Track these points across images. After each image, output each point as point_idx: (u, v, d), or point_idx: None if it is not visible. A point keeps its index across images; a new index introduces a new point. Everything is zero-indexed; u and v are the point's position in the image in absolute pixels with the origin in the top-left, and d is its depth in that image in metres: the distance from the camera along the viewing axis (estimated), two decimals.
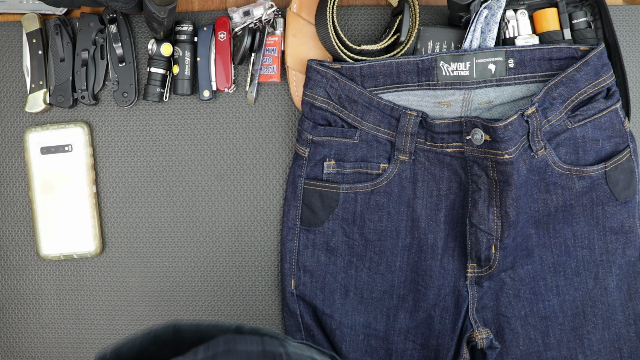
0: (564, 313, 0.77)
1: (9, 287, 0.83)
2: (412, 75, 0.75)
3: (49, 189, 0.81)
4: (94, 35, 0.80)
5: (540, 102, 0.73)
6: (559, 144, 0.75)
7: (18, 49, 0.82)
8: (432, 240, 0.77)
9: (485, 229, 0.74)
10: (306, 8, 0.80)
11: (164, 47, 0.78)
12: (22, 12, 0.81)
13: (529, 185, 0.74)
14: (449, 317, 0.77)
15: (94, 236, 0.81)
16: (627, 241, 0.77)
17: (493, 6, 0.76)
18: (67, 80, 0.80)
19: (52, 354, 0.83)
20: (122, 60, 0.80)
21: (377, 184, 0.77)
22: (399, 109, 0.74)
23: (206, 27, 0.80)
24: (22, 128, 0.83)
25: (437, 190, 0.77)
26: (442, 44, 0.79)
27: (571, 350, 0.77)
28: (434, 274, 0.77)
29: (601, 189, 0.76)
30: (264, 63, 0.81)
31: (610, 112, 0.76)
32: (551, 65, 0.76)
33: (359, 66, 0.75)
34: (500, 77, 0.76)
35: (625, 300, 0.77)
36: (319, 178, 0.77)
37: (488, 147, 0.72)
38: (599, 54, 0.75)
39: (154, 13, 0.69)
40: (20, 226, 0.83)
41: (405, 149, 0.76)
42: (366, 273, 0.77)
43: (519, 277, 0.77)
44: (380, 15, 0.83)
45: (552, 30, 0.79)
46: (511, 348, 0.76)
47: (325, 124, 0.77)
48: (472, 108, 0.77)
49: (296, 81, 0.80)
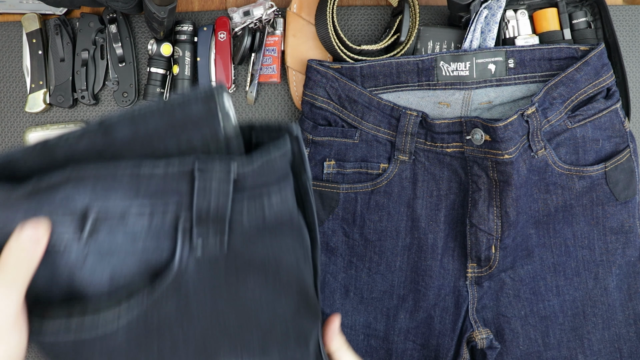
0: (564, 313, 0.77)
1: None
2: (412, 75, 0.75)
3: None
4: (94, 35, 0.80)
5: (540, 102, 0.73)
6: (559, 144, 0.75)
7: (18, 49, 0.82)
8: (432, 240, 0.77)
9: (485, 229, 0.74)
10: (306, 8, 0.80)
11: (164, 47, 0.78)
12: (22, 12, 0.81)
13: (529, 185, 0.74)
14: (449, 317, 0.77)
15: None
16: (627, 241, 0.77)
17: (493, 6, 0.76)
18: (67, 80, 0.80)
19: None
20: (122, 60, 0.80)
21: (377, 184, 0.77)
22: (399, 109, 0.75)
23: (206, 27, 0.80)
24: (22, 128, 0.83)
25: (437, 190, 0.77)
26: (442, 44, 0.79)
27: (571, 350, 0.77)
28: (434, 274, 0.77)
29: (601, 189, 0.76)
30: (264, 63, 0.81)
31: (610, 112, 0.76)
32: (551, 65, 0.76)
33: (359, 66, 0.75)
34: (500, 77, 0.76)
35: (625, 300, 0.77)
36: (319, 178, 0.77)
37: (488, 147, 0.72)
38: (599, 54, 0.75)
39: (154, 13, 0.69)
40: None
41: (405, 149, 0.76)
42: (366, 273, 0.77)
43: (519, 277, 0.77)
44: (380, 15, 0.83)
45: (552, 30, 0.79)
46: (511, 348, 0.76)
47: (325, 124, 0.77)
48: (472, 108, 0.77)
49: (296, 81, 0.80)
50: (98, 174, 0.39)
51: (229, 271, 0.45)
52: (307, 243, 0.51)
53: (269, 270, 0.47)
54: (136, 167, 0.39)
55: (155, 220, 0.41)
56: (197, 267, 0.43)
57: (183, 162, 0.40)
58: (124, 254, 0.41)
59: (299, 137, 0.47)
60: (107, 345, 0.42)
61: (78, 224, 0.40)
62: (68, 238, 0.40)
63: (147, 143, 0.40)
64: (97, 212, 0.40)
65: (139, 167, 0.39)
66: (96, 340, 0.41)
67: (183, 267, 0.42)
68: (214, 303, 0.45)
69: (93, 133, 0.39)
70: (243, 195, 0.42)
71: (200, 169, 0.40)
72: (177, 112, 0.40)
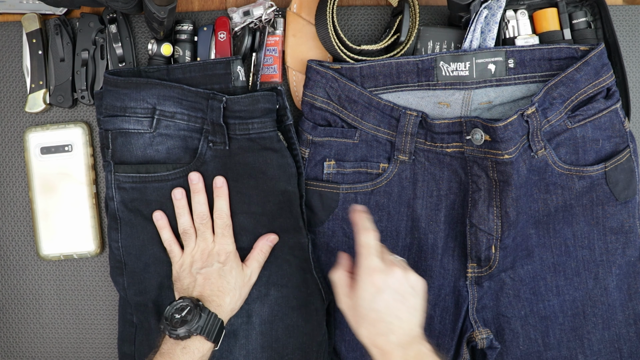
0: (564, 313, 0.77)
1: (9, 287, 0.83)
2: (412, 76, 0.75)
3: (49, 189, 0.81)
4: (94, 35, 0.80)
5: (540, 102, 0.73)
6: (559, 144, 0.75)
7: (18, 49, 0.82)
8: (432, 240, 0.77)
9: (485, 229, 0.74)
10: (306, 8, 0.80)
11: (164, 47, 0.78)
12: (22, 12, 0.81)
13: (529, 185, 0.74)
14: (449, 317, 0.77)
15: (94, 236, 0.81)
16: (627, 241, 0.77)
17: (493, 6, 0.76)
18: (67, 80, 0.80)
19: (52, 354, 0.83)
20: (122, 60, 0.80)
21: (377, 184, 0.77)
22: (399, 109, 0.74)
23: (206, 27, 0.80)
24: (22, 128, 0.83)
25: (437, 190, 0.77)
26: (442, 44, 0.79)
27: (571, 350, 0.77)
28: (434, 274, 0.77)
29: (601, 189, 0.76)
30: (265, 63, 0.81)
31: (610, 112, 0.76)
32: (551, 65, 0.76)
33: (358, 66, 0.75)
34: (500, 77, 0.76)
35: (625, 300, 0.77)
36: (319, 178, 0.77)
37: (488, 147, 0.72)
38: (599, 54, 0.75)
39: (154, 13, 0.69)
40: (20, 226, 0.83)
41: (405, 149, 0.76)
42: None
43: (519, 277, 0.77)
44: (380, 15, 0.83)
45: (552, 30, 0.79)
46: (511, 348, 0.76)
47: (325, 124, 0.77)
48: (472, 108, 0.77)
49: (296, 81, 0.80)
50: (162, 87, 0.74)
51: (232, 166, 0.75)
52: (292, 171, 0.74)
53: (258, 176, 0.74)
54: (181, 88, 0.74)
55: (190, 122, 0.75)
56: (213, 155, 0.75)
57: (205, 92, 0.73)
58: (173, 139, 0.75)
59: (282, 92, 0.75)
60: (160, 192, 0.75)
61: (149, 119, 0.74)
62: (143, 127, 0.74)
63: (189, 84, 0.74)
64: (159, 112, 0.74)
65: (183, 89, 0.74)
66: (154, 186, 0.75)
67: (203, 153, 0.75)
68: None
69: (161, 71, 0.76)
70: (236, 120, 0.73)
71: (212, 97, 0.73)
72: (208, 69, 0.75)
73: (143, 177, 0.74)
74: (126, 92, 0.73)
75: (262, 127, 0.73)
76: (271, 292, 0.76)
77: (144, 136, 0.74)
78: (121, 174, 0.74)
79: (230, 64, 0.74)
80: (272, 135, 0.74)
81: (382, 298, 0.63)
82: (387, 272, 0.64)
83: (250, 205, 0.75)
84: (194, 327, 0.65)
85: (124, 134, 0.74)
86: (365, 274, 0.64)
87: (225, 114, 0.72)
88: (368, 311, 0.63)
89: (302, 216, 0.75)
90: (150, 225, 0.75)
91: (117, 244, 0.76)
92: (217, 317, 0.67)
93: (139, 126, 0.74)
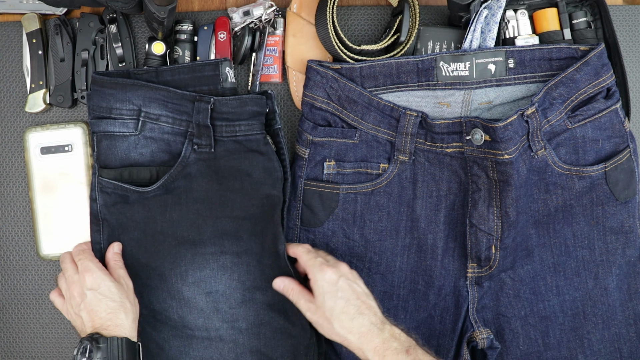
0: (564, 313, 0.77)
1: (9, 287, 0.83)
2: (412, 76, 0.75)
3: (49, 189, 0.81)
4: (94, 35, 0.80)
5: (540, 102, 0.73)
6: (558, 144, 0.75)
7: (18, 49, 0.82)
8: (432, 241, 0.77)
9: (485, 229, 0.74)
10: (306, 8, 0.80)
11: (155, 46, 0.78)
12: (22, 12, 0.81)
13: (528, 185, 0.74)
14: (449, 317, 0.77)
15: None
16: (627, 241, 0.77)
17: (493, 6, 0.76)
18: (67, 80, 0.80)
19: (52, 354, 0.83)
20: (122, 60, 0.80)
21: (377, 184, 0.77)
22: (399, 109, 0.74)
23: (206, 27, 0.80)
24: (22, 128, 0.83)
25: (437, 190, 0.77)
26: (442, 44, 0.79)
27: (571, 350, 0.77)
28: (434, 274, 0.77)
29: (601, 189, 0.76)
30: (265, 63, 0.81)
31: (610, 112, 0.76)
32: (551, 65, 0.76)
33: (358, 66, 0.75)
34: (500, 77, 0.76)
35: (625, 300, 0.77)
36: (319, 179, 0.77)
37: (488, 147, 0.72)
38: (599, 54, 0.75)
39: (154, 13, 0.69)
40: (20, 226, 0.83)
41: (405, 149, 0.76)
42: (366, 273, 0.77)
43: (519, 277, 0.77)
44: (380, 15, 0.83)
45: (552, 30, 0.79)
46: (511, 348, 0.76)
47: (325, 124, 0.77)
48: (472, 108, 0.77)
49: (296, 81, 0.80)
50: (148, 89, 0.73)
51: (216, 169, 0.75)
52: (278, 175, 0.75)
53: (243, 178, 0.75)
54: (167, 90, 0.73)
55: (175, 125, 0.75)
56: (197, 158, 0.75)
57: (192, 95, 0.73)
58: (157, 142, 0.75)
59: (272, 96, 0.76)
60: (142, 197, 0.75)
61: (135, 121, 0.74)
62: (128, 129, 0.74)
63: (178, 86, 0.74)
64: (145, 114, 0.74)
65: (169, 91, 0.73)
66: (134, 198, 0.75)
67: (187, 156, 0.74)
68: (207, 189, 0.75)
69: (150, 73, 0.75)
70: (223, 122, 0.74)
71: (198, 99, 0.73)
72: (197, 71, 0.75)
73: (125, 188, 0.74)
74: (112, 93, 0.73)
75: (249, 130, 0.74)
76: (256, 295, 0.76)
77: (129, 139, 0.74)
78: (104, 179, 0.74)
79: (219, 66, 0.74)
80: (259, 138, 0.74)
81: (341, 286, 0.68)
82: (334, 264, 0.71)
83: (234, 210, 0.75)
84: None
85: (109, 137, 0.74)
86: (316, 271, 0.69)
87: (213, 116, 0.73)
88: (335, 300, 0.67)
89: (282, 222, 0.76)
90: (132, 229, 0.75)
91: (99, 246, 0.75)
92: (118, 338, 0.67)
93: (124, 129, 0.74)
